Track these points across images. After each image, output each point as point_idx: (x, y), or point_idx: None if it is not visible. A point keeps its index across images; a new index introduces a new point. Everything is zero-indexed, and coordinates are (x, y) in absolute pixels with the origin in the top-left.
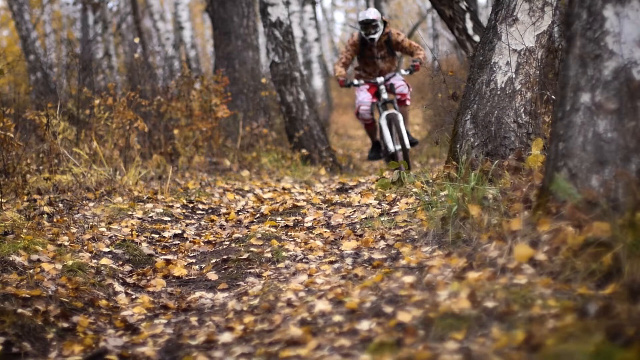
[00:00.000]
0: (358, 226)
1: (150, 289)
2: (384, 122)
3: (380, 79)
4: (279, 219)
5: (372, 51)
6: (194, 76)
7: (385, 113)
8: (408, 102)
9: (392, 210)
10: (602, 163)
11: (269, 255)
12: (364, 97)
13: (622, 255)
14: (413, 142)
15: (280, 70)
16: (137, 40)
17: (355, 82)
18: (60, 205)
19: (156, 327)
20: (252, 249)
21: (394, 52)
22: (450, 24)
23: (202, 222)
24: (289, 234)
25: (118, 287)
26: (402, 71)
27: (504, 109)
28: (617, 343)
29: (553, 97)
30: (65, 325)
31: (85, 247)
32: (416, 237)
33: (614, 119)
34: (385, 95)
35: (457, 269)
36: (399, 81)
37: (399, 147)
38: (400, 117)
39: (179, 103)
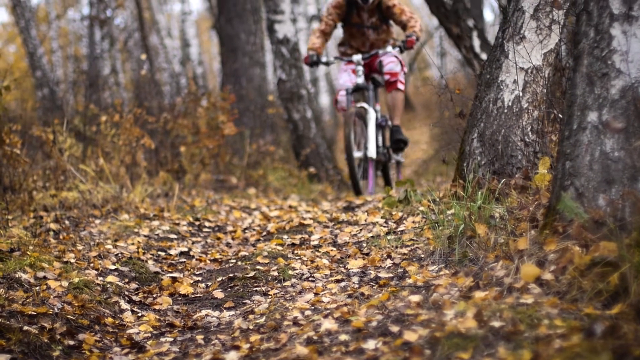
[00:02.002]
0: (364, 245)
1: (157, 307)
2: (349, 116)
3: (357, 57)
4: (285, 237)
5: (361, 17)
6: (200, 93)
7: (353, 109)
8: (400, 86)
9: (398, 229)
10: (609, 182)
11: (276, 273)
12: (345, 80)
13: (629, 275)
14: (399, 140)
15: (287, 87)
16: (144, 56)
17: (325, 59)
18: (67, 222)
19: (162, 345)
20: (258, 267)
21: (387, 21)
22: (457, 42)
23: (209, 240)
24: (296, 252)
25: (124, 305)
26: (389, 48)
27: (511, 128)
28: None
29: (560, 115)
30: (71, 343)
31: (92, 265)
32: (423, 256)
33: (621, 138)
34: (360, 80)
35: (464, 288)
36: (388, 57)
37: (359, 154)
38: (371, 116)
39: (185, 120)
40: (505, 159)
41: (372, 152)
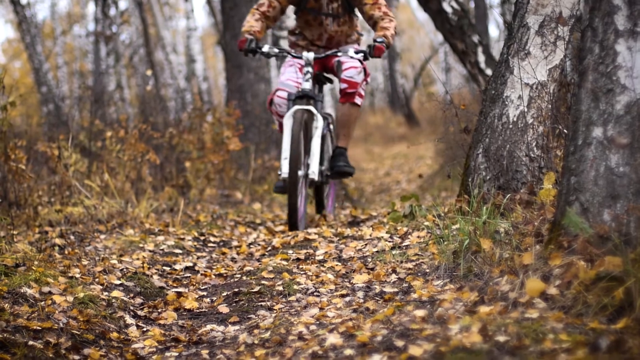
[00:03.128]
0: (369, 259)
1: (162, 322)
2: (288, 122)
3: (308, 55)
4: (290, 252)
5: (319, 1)
6: (205, 109)
7: (295, 108)
8: (358, 100)
9: (403, 244)
10: (614, 197)
11: (281, 288)
12: (288, 77)
13: (634, 289)
14: (342, 172)
15: None
16: (149, 72)
17: (266, 48)
18: (72, 237)
19: None
20: (263, 282)
21: (353, 10)
22: (462, 58)
23: (214, 255)
24: (301, 267)
25: (129, 320)
26: (351, 51)
27: (516, 143)
28: None
29: (565, 131)
30: (77, 357)
31: (97, 280)
32: (428, 270)
33: (626, 154)
34: (307, 85)
35: (469, 303)
36: (349, 60)
37: (301, 172)
38: (318, 124)
39: (190, 135)
40: (510, 174)
41: (314, 172)
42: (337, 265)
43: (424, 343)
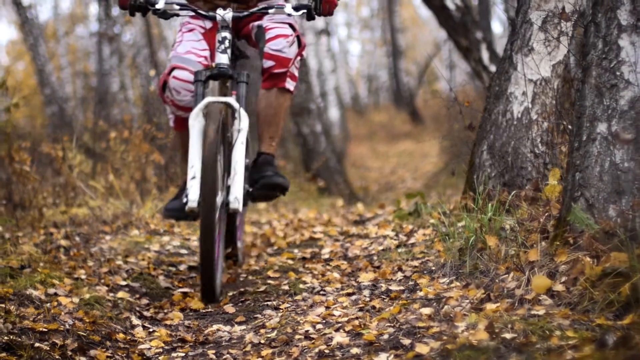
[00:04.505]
0: (375, 258)
1: (168, 322)
2: (197, 124)
3: (224, 13)
4: (296, 251)
5: None
6: None
7: (208, 102)
8: (290, 84)
9: (409, 242)
10: (619, 193)
11: (287, 287)
12: (186, 48)
13: None
14: (272, 184)
15: (296, 102)
16: (152, 72)
17: (162, 3)
18: (77, 238)
19: None
20: (269, 281)
21: None
22: (466, 55)
23: None
24: (307, 266)
25: (135, 321)
26: (289, 7)
27: (521, 140)
28: None
29: (569, 127)
30: (83, 359)
31: (102, 281)
32: (434, 268)
33: (631, 149)
34: (223, 59)
35: (475, 300)
36: (276, 25)
37: (219, 199)
38: (243, 124)
39: None
40: (515, 171)
41: (237, 199)
42: (343, 263)
43: (431, 341)
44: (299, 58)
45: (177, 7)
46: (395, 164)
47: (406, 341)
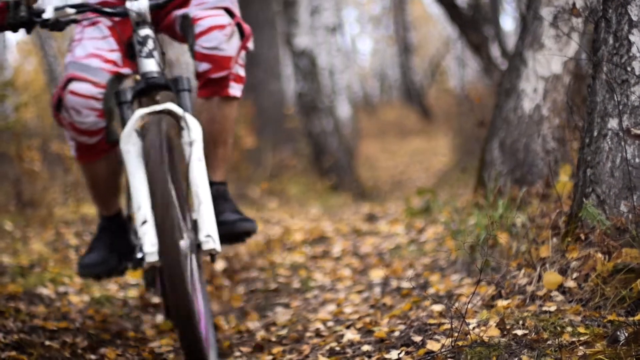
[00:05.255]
0: (386, 255)
1: None
2: (132, 149)
3: (139, 3)
4: (307, 248)
5: None
6: None
7: (137, 115)
8: (234, 91)
9: (420, 239)
10: (630, 189)
11: (297, 285)
12: (88, 50)
13: None
14: (239, 232)
15: (306, 100)
16: None
17: (50, 12)
18: (87, 237)
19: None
20: (280, 279)
21: None
22: (477, 51)
23: (230, 252)
24: (317, 263)
25: (145, 318)
26: None
27: (532, 136)
28: None
29: (580, 123)
30: (93, 357)
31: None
32: (444, 265)
33: None
34: (150, 65)
35: (486, 297)
36: (207, 12)
37: (184, 241)
38: (194, 134)
39: None
40: (526, 168)
41: (211, 236)
42: (353, 261)
43: (442, 338)
44: (243, 52)
45: (72, 10)
46: (406, 162)
47: (417, 338)
